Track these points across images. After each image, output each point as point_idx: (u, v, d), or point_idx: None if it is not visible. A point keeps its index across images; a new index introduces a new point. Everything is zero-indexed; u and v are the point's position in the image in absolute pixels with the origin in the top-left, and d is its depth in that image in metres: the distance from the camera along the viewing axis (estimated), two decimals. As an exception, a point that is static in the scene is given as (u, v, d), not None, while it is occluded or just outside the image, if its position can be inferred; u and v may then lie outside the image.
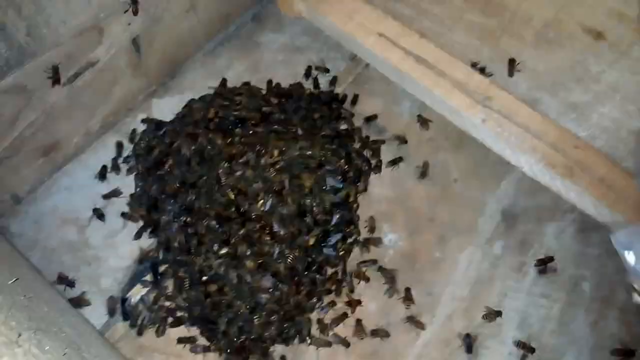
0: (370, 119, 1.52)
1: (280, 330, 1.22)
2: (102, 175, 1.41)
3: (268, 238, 1.26)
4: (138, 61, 1.44)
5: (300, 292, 1.24)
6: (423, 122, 1.50)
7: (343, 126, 1.50)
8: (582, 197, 1.33)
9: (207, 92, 1.52)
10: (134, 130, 1.47)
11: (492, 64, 1.41)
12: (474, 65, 1.37)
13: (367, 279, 1.32)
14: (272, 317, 1.20)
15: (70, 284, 1.27)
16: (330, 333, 1.27)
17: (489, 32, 1.35)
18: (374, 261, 1.34)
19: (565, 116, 1.36)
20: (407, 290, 1.32)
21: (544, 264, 1.32)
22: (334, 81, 1.57)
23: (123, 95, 1.47)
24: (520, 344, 1.25)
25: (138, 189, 1.38)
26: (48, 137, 1.35)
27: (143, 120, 1.48)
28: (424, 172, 1.43)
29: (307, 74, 1.58)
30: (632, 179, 1.32)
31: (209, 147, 1.34)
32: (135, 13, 1.31)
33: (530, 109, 1.40)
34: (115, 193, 1.38)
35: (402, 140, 1.49)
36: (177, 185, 1.32)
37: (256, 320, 1.19)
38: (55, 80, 1.25)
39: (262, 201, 1.28)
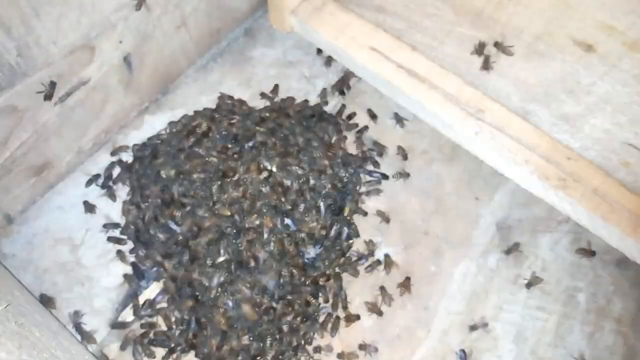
0: (361, 131, 1.52)
1: (277, 353, 1.22)
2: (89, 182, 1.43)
3: (262, 254, 1.26)
4: (130, 78, 1.44)
5: (294, 311, 1.24)
6: (399, 120, 1.52)
7: (338, 137, 1.50)
8: (576, 208, 1.33)
9: (200, 107, 1.53)
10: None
11: (483, 75, 1.41)
12: (481, 45, 1.35)
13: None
14: (268, 339, 1.19)
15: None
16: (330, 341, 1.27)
17: (480, 45, 1.36)
18: (378, 262, 1.36)
19: (558, 127, 1.36)
20: (407, 279, 1.33)
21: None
22: (324, 94, 1.57)
23: (115, 112, 1.46)
24: None
25: (129, 208, 1.38)
26: (40, 157, 1.34)
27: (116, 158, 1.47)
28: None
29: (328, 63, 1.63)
30: (625, 189, 1.32)
31: (203, 163, 1.34)
32: (138, 8, 1.30)
33: (523, 121, 1.40)
34: (92, 208, 1.39)
35: (404, 155, 1.49)
36: (171, 200, 1.32)
37: (252, 342, 1.19)
38: (48, 96, 1.24)
39: (256, 215, 1.28)
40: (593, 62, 1.20)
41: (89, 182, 1.42)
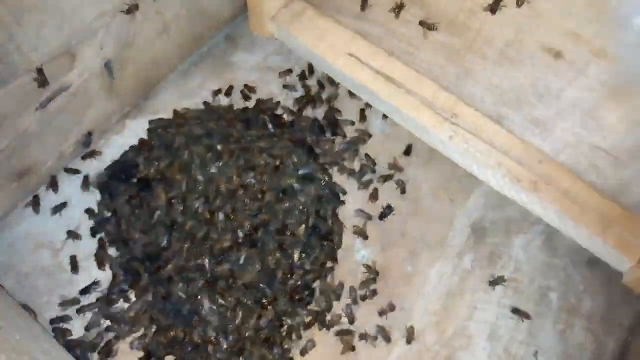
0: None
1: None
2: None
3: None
4: (111, 84, 1.45)
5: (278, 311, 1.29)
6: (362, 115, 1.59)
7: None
8: (547, 210, 1.38)
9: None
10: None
11: (458, 81, 1.45)
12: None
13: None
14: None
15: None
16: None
17: (454, 51, 1.39)
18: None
19: (530, 131, 1.41)
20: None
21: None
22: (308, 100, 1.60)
23: (96, 118, 1.48)
24: None
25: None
26: (21, 162, 1.35)
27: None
28: (403, 189, 1.48)
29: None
30: (594, 191, 1.36)
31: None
32: (128, 13, 1.34)
33: (496, 125, 1.45)
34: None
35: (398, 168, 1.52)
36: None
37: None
38: (42, 82, 1.24)
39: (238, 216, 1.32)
40: (562, 68, 1.24)
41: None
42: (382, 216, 1.44)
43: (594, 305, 1.37)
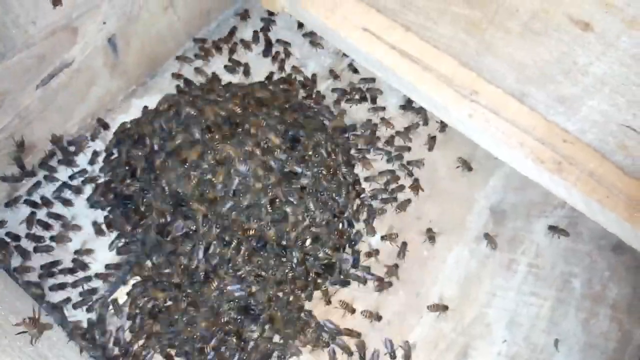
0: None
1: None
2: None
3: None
4: (115, 61, 1.40)
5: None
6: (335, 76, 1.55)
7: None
8: (571, 192, 1.30)
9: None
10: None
11: (478, 56, 1.37)
12: None
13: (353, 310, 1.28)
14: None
15: None
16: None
17: (474, 24, 1.31)
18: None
19: (554, 110, 1.33)
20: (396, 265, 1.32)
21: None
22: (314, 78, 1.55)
23: (101, 96, 1.43)
24: None
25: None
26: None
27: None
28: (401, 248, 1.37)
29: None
30: (622, 173, 1.29)
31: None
32: None
33: (518, 103, 1.37)
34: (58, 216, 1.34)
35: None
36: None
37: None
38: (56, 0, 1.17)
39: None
40: (590, 41, 1.15)
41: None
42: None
43: (619, 292, 1.30)
